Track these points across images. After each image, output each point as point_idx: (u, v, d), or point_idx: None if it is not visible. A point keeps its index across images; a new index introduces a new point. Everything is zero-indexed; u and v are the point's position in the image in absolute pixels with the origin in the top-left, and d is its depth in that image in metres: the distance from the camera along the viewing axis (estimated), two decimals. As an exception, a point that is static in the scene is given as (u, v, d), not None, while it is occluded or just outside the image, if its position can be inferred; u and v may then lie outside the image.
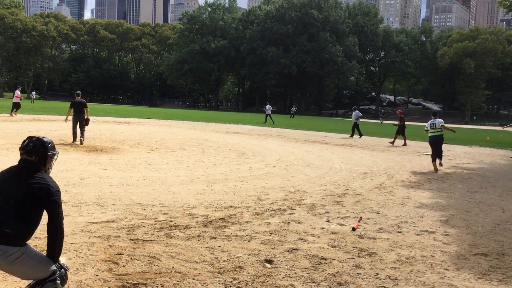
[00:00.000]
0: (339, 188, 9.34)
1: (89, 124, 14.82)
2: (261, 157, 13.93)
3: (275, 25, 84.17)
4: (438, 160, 13.30)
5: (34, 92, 62.01)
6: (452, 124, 45.56)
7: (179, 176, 9.56)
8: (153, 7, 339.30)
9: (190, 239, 5.34)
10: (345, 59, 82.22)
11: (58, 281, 3.24)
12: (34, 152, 3.31)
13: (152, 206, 6.83)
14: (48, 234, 3.26)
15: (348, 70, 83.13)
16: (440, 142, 13.41)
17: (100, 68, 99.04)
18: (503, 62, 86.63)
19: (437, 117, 14.08)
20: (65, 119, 15.25)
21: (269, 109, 38.54)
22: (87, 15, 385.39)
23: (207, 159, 12.68)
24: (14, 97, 27.30)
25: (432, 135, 13.61)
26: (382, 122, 55.13)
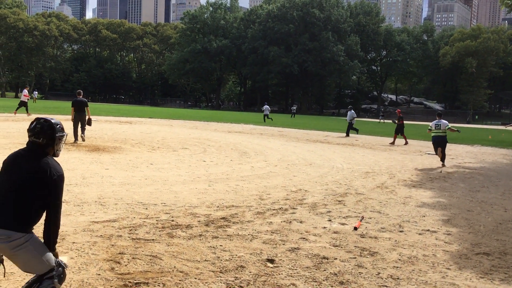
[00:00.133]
0: (341, 188, 9.34)
1: (91, 124, 14.80)
2: (262, 156, 13.92)
3: (276, 24, 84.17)
4: (441, 161, 13.62)
5: (36, 92, 62.13)
6: (454, 123, 45.48)
7: (181, 176, 9.57)
8: (154, 7, 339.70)
9: (192, 239, 5.34)
10: (346, 59, 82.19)
11: (56, 279, 3.20)
12: (42, 133, 3.26)
13: (154, 206, 6.83)
14: (45, 221, 3.21)
15: (349, 69, 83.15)
16: (443, 143, 13.63)
17: (102, 68, 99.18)
18: (505, 61, 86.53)
19: (442, 118, 14.19)
20: (71, 119, 15.11)
21: (266, 109, 37.94)
22: (89, 15, 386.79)
23: (209, 158, 12.68)
24: (22, 96, 27.11)
25: (435, 135, 13.84)
26: (383, 122, 55.06)
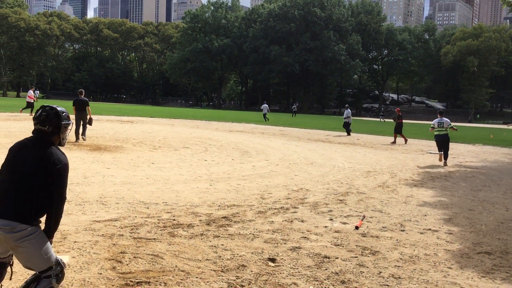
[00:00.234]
0: (342, 187, 9.34)
1: (92, 123, 14.81)
2: (264, 155, 13.93)
3: (278, 23, 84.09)
4: (443, 159, 13.82)
5: (38, 91, 62.19)
6: (455, 122, 45.41)
7: (182, 175, 9.57)
8: (156, 6, 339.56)
9: (193, 238, 5.35)
10: (348, 58, 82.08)
11: (53, 279, 3.17)
12: (47, 121, 3.24)
13: (155, 205, 6.84)
14: (48, 209, 3.17)
15: (351, 68, 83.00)
16: (446, 141, 14.09)
17: (103, 67, 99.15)
18: (506, 60, 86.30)
19: (443, 116, 14.55)
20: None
21: (265, 108, 37.37)
22: (90, 14, 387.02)
23: (210, 157, 12.69)
24: (27, 97, 26.82)
25: (438, 134, 14.17)
26: (384, 121, 54.98)
